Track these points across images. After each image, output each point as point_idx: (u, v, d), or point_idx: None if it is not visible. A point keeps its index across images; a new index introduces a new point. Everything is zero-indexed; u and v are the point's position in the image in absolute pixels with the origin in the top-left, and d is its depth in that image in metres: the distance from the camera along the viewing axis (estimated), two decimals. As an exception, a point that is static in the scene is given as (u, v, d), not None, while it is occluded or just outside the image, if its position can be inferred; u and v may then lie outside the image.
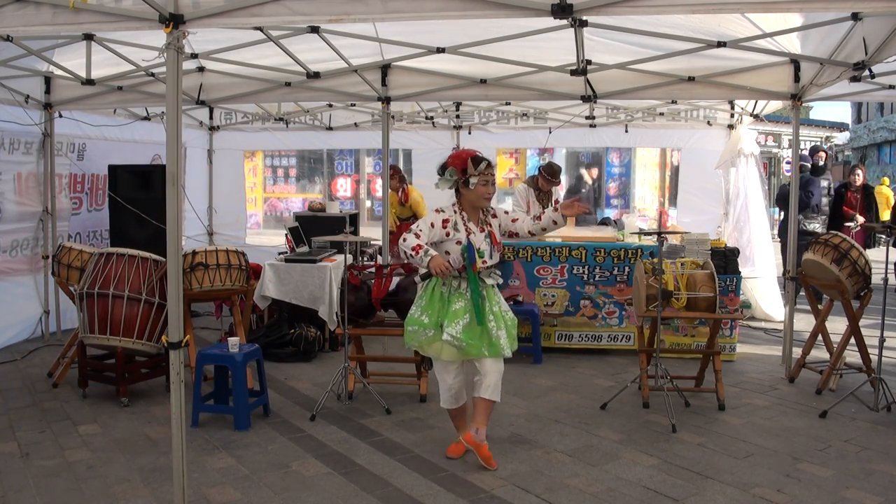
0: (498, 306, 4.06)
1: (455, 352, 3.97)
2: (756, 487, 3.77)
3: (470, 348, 3.94)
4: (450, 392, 4.15)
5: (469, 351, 3.95)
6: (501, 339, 4.00)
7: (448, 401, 4.18)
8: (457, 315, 3.92)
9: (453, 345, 3.92)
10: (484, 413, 4.07)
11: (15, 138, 6.51)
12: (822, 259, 5.30)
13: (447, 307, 3.96)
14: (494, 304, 4.02)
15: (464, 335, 3.91)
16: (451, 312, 3.93)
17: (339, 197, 12.28)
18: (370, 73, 6.05)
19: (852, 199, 9.24)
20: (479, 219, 4.06)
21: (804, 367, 5.74)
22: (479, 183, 3.97)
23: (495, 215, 4.15)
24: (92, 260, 5.25)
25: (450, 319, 3.92)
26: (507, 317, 4.08)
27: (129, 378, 5.12)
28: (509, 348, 4.03)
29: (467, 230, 3.98)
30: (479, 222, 4.05)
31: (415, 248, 3.82)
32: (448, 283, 3.99)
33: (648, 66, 5.64)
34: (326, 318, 6.23)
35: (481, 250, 4.00)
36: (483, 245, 4.01)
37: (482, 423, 4.06)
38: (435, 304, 3.98)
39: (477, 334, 3.95)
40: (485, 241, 4.02)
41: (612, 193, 12.72)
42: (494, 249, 4.07)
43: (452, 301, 3.97)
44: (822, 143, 23.53)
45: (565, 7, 3.08)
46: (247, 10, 3.22)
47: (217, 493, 3.68)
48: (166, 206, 3.25)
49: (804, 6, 3.66)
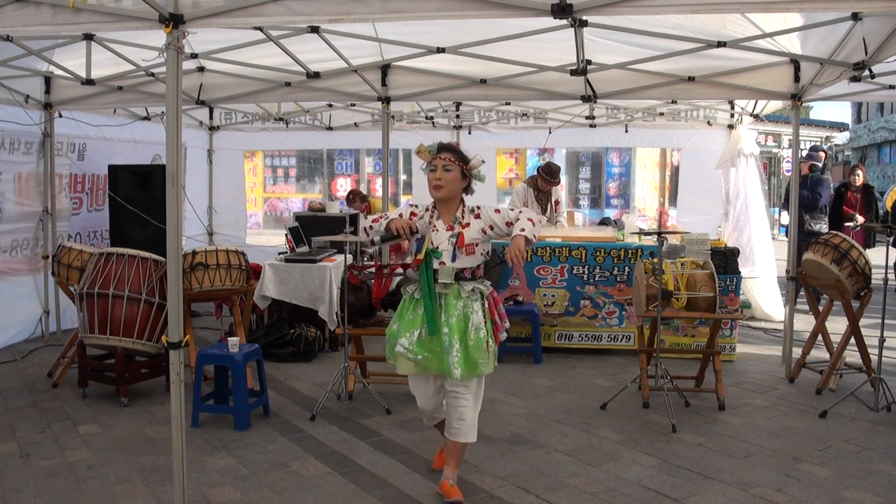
0: (461, 320, 3.48)
1: (411, 365, 3.53)
2: (756, 487, 3.77)
3: (428, 362, 3.50)
4: (423, 414, 3.78)
5: (428, 365, 3.51)
6: (451, 354, 3.41)
7: (425, 419, 3.85)
8: (412, 324, 3.52)
9: (407, 357, 3.50)
10: (453, 455, 3.63)
11: (15, 138, 6.51)
12: (822, 259, 5.30)
13: (404, 315, 3.58)
14: (452, 316, 3.47)
15: (418, 347, 3.49)
16: (406, 321, 3.54)
17: (339, 197, 12.27)
18: (370, 73, 6.05)
19: (852, 199, 9.24)
20: (453, 216, 3.57)
21: (804, 367, 5.74)
22: (429, 169, 3.54)
23: (479, 216, 3.57)
24: (92, 260, 5.25)
25: (404, 328, 3.53)
26: (474, 335, 3.46)
27: (129, 378, 5.12)
28: (461, 369, 3.42)
29: (432, 226, 3.55)
30: (452, 220, 3.56)
31: (374, 219, 3.58)
32: (409, 289, 3.62)
33: (648, 66, 5.64)
34: (326, 318, 6.23)
35: (438, 250, 3.52)
36: (444, 244, 3.51)
37: (452, 465, 3.63)
38: (404, 311, 3.60)
39: (438, 347, 3.49)
40: (448, 240, 3.51)
41: (612, 193, 12.73)
42: (460, 252, 3.50)
43: (411, 308, 3.57)
44: (822, 143, 23.53)
45: (565, 7, 3.08)
46: (247, 10, 3.22)
47: (217, 493, 3.68)
48: (166, 206, 3.25)
49: (804, 6, 3.65)
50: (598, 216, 10.92)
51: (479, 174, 3.60)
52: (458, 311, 3.49)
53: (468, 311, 3.50)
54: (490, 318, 3.58)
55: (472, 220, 3.56)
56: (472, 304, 3.51)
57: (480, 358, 3.45)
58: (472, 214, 3.58)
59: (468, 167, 3.56)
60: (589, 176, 13.29)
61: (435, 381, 3.64)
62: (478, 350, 3.44)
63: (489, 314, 3.58)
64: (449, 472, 3.62)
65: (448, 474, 3.62)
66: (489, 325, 3.54)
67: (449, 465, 3.64)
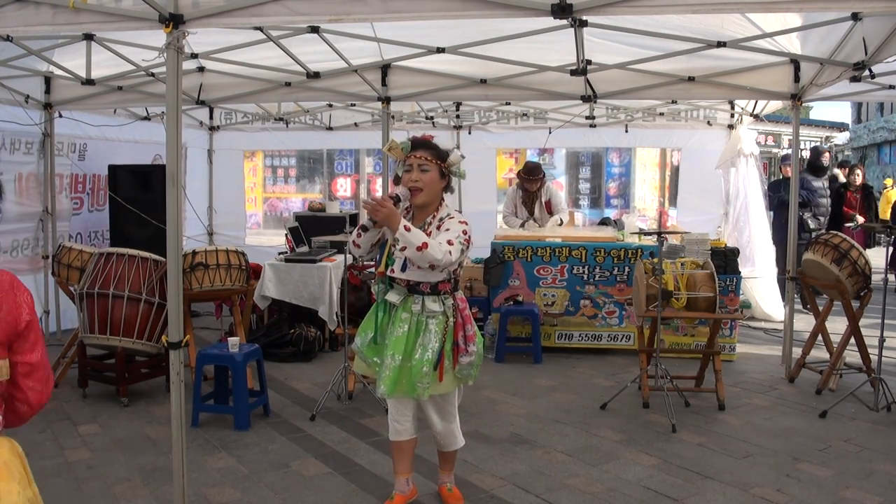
0: (408, 335, 3.16)
1: (363, 366, 3.39)
2: (756, 487, 3.77)
3: (376, 367, 3.30)
4: (391, 417, 3.38)
5: (376, 370, 3.30)
6: (383, 368, 3.17)
7: (391, 430, 3.40)
8: (368, 325, 3.34)
9: (360, 357, 3.37)
10: (447, 461, 3.56)
11: (15, 138, 6.52)
12: (822, 259, 5.30)
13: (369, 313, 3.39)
14: (398, 329, 3.18)
15: (368, 350, 3.31)
16: (366, 320, 3.37)
17: (339, 197, 12.28)
18: (370, 73, 6.04)
19: (852, 200, 9.25)
20: (424, 220, 3.24)
21: (804, 367, 5.74)
22: (404, 169, 3.20)
23: (440, 227, 3.20)
24: (92, 260, 5.25)
25: (363, 328, 3.37)
26: (416, 357, 3.14)
27: (129, 378, 5.12)
28: (387, 387, 3.13)
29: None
30: (421, 224, 3.21)
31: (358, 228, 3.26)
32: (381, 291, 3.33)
33: (648, 66, 5.64)
34: (326, 318, 6.23)
35: (393, 257, 3.19)
36: (397, 252, 3.11)
37: (447, 469, 3.57)
38: (371, 313, 3.39)
39: (382, 354, 3.24)
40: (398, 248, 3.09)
41: (612, 193, 12.72)
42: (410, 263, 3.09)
43: (374, 308, 3.36)
44: (822, 143, 23.53)
45: (565, 7, 3.08)
46: (247, 10, 3.22)
47: (217, 493, 3.68)
48: (166, 206, 3.25)
49: (804, 6, 3.65)
50: (598, 216, 10.91)
51: (458, 171, 3.31)
52: (405, 326, 3.17)
53: (420, 327, 3.17)
54: (453, 339, 3.20)
55: (434, 230, 3.19)
56: (426, 321, 3.17)
57: (418, 381, 3.13)
58: (439, 223, 3.21)
59: (446, 165, 3.24)
60: (589, 176, 13.28)
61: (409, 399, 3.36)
62: (416, 373, 3.13)
63: (452, 334, 3.20)
64: (446, 478, 3.60)
65: (445, 479, 3.60)
66: (448, 346, 3.18)
67: (444, 470, 3.59)
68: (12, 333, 1.75)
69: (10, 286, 1.77)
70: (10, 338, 1.76)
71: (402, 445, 3.40)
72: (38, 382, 1.83)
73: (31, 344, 1.80)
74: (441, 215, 3.25)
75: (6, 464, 1.75)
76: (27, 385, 1.81)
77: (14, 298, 1.76)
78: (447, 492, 3.56)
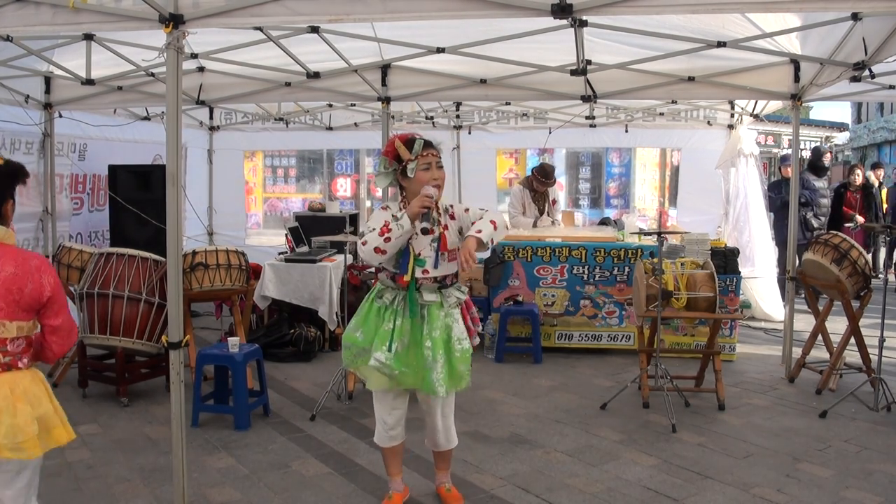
0: (444, 332, 3.24)
1: (385, 380, 3.25)
2: (756, 487, 3.77)
3: (404, 377, 3.23)
4: (384, 426, 3.40)
5: (403, 381, 3.24)
6: (435, 371, 3.18)
7: (382, 437, 3.43)
8: (387, 336, 3.21)
9: (383, 372, 3.21)
10: (444, 460, 3.55)
11: (15, 138, 6.51)
12: (822, 259, 5.30)
13: (378, 326, 3.25)
14: (435, 329, 3.22)
15: (395, 362, 3.19)
16: (381, 332, 3.22)
17: (339, 197, 12.26)
18: (370, 73, 6.04)
19: (852, 200, 9.25)
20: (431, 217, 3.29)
21: (804, 367, 5.74)
22: (419, 168, 3.20)
23: (454, 216, 3.31)
24: (92, 260, 5.25)
25: (380, 341, 3.21)
26: (459, 346, 3.25)
27: (129, 378, 5.12)
28: (445, 385, 3.20)
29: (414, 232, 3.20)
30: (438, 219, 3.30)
31: (381, 231, 3.12)
32: (387, 296, 3.27)
33: (648, 66, 5.64)
34: (326, 318, 6.23)
35: (421, 258, 3.22)
36: (426, 251, 3.22)
37: (445, 469, 3.57)
38: (371, 319, 3.27)
39: (414, 362, 3.23)
40: (430, 245, 3.22)
41: (612, 193, 12.71)
42: (443, 258, 3.22)
43: (385, 318, 3.24)
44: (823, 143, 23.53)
45: (565, 7, 3.08)
46: (247, 10, 3.22)
47: (217, 493, 3.68)
48: (166, 206, 3.25)
49: (804, 6, 3.66)
50: (598, 216, 10.90)
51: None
52: (441, 322, 3.24)
53: (450, 320, 3.27)
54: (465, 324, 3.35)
55: (449, 221, 3.30)
56: (453, 313, 3.29)
57: (466, 369, 3.26)
58: (447, 215, 3.31)
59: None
60: (589, 176, 13.27)
61: (402, 396, 3.40)
62: (463, 361, 3.25)
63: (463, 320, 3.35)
64: (444, 478, 3.60)
65: (443, 479, 3.59)
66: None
67: (442, 469, 3.59)
68: (37, 305, 2.56)
69: (36, 269, 2.55)
70: (36, 308, 2.57)
71: (396, 449, 3.49)
72: (59, 338, 2.67)
73: (53, 312, 2.61)
74: (443, 207, 3.31)
75: (25, 391, 2.51)
76: (52, 340, 2.66)
77: (39, 279, 2.54)
78: (446, 492, 3.56)
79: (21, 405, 2.46)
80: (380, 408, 3.40)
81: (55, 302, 2.59)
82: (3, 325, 2.49)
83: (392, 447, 3.46)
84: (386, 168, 3.24)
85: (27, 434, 2.44)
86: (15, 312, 2.50)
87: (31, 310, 2.54)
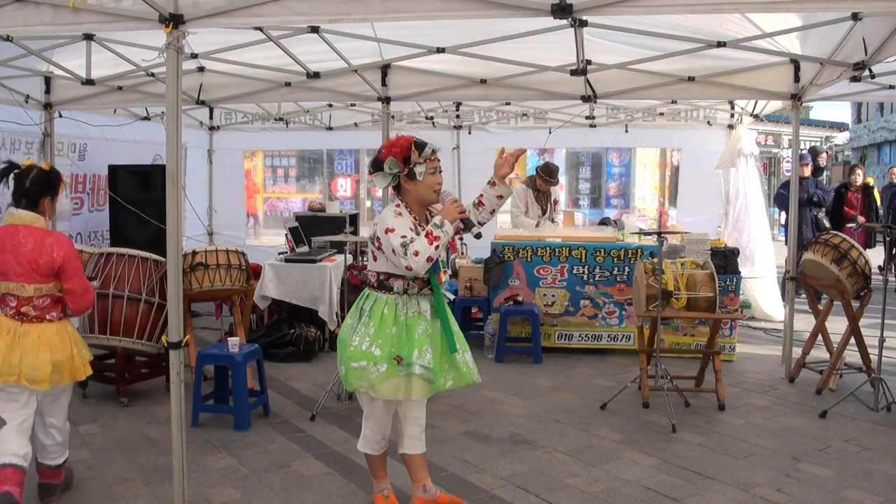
0: (456, 325, 3.37)
1: (427, 387, 3.22)
2: (756, 487, 3.77)
3: (440, 380, 3.25)
4: (378, 435, 3.39)
5: (438, 385, 3.24)
6: (469, 362, 3.31)
7: (372, 446, 3.42)
8: (422, 342, 3.18)
9: (426, 378, 3.18)
10: (422, 465, 3.46)
11: (16, 138, 6.51)
12: (822, 259, 5.30)
13: (408, 334, 3.18)
14: (454, 323, 3.35)
15: (437, 369, 3.21)
16: (416, 339, 3.18)
17: (339, 197, 12.27)
18: (370, 73, 6.04)
19: (852, 200, 9.25)
20: (427, 218, 3.30)
21: (804, 367, 5.74)
22: (427, 172, 3.20)
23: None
24: (92, 260, 5.25)
25: (418, 347, 3.17)
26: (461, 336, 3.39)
27: (129, 378, 5.12)
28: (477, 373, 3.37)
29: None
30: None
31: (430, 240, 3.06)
32: (404, 304, 3.22)
33: (648, 66, 5.64)
34: (326, 318, 6.24)
35: (442, 260, 3.23)
36: (442, 254, 3.22)
37: (425, 475, 3.46)
38: (386, 330, 3.17)
39: (440, 364, 3.25)
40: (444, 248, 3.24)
41: (612, 193, 12.72)
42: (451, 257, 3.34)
43: (413, 325, 3.21)
44: (822, 144, 23.53)
45: (565, 7, 3.08)
46: (247, 10, 3.22)
47: (217, 493, 3.68)
48: (166, 206, 3.25)
49: (804, 6, 3.66)
50: (598, 216, 10.91)
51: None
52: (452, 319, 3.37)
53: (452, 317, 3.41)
54: None
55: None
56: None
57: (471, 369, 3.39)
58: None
59: None
60: (589, 176, 13.28)
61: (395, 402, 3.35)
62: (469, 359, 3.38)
63: None
64: (429, 484, 3.46)
65: (430, 486, 3.46)
66: None
67: (422, 476, 3.45)
68: (51, 271, 3.33)
69: (50, 245, 3.33)
70: (51, 273, 3.34)
71: (385, 453, 3.51)
72: (74, 297, 3.42)
73: (66, 277, 3.37)
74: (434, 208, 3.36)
75: (49, 340, 3.33)
76: (67, 298, 3.42)
77: (51, 253, 3.33)
78: (444, 494, 3.54)
79: (43, 349, 3.27)
80: (382, 418, 3.35)
81: (65, 270, 3.35)
82: (23, 287, 3.30)
83: (382, 453, 3.49)
84: (392, 169, 3.19)
85: (43, 371, 3.26)
86: (33, 277, 3.30)
87: (47, 275, 3.32)
